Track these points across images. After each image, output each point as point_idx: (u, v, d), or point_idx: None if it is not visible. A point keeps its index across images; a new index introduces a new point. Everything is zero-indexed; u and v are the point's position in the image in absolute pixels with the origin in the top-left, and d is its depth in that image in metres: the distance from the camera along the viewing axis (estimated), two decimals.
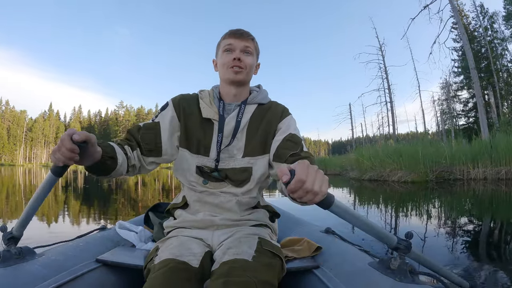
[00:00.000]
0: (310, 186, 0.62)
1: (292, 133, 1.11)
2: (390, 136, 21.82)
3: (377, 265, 0.92)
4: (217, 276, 0.82)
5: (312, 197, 0.63)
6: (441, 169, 9.91)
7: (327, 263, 1.06)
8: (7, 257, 0.93)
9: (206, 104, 1.14)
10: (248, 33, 1.16)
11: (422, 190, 7.45)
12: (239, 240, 0.96)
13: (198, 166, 1.11)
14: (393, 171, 10.50)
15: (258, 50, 1.22)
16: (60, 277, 0.93)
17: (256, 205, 1.16)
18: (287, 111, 1.21)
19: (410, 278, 0.83)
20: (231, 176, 1.10)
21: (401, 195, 6.68)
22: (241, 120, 1.13)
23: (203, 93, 1.19)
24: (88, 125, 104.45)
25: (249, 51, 1.14)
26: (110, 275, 1.06)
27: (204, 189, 1.11)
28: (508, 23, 19.77)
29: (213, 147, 1.11)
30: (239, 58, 1.11)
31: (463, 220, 3.78)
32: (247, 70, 1.13)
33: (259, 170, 1.12)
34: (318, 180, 0.63)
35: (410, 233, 0.87)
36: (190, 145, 1.12)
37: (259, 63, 1.25)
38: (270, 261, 0.90)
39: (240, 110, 1.14)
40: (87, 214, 4.45)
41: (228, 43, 1.13)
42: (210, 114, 1.12)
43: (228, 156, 1.11)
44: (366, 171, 11.81)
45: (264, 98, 1.21)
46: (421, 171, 9.74)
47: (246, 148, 1.12)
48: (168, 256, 0.88)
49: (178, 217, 1.12)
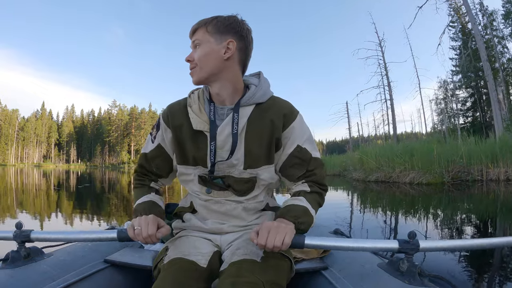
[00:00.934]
0: (271, 246, 0.80)
1: (300, 146, 1.03)
2: (390, 136, 21.28)
3: (386, 266, 0.93)
4: (225, 276, 0.82)
5: (278, 249, 0.82)
6: (457, 169, 8.83)
7: (336, 264, 1.07)
8: (16, 258, 0.93)
9: (195, 113, 1.02)
10: (193, 27, 1.00)
11: (438, 193, 6.71)
12: (248, 241, 0.95)
13: (199, 175, 1.06)
14: (404, 172, 9.47)
15: (222, 27, 0.97)
16: (68, 277, 0.93)
17: (265, 207, 1.11)
18: (293, 111, 1.05)
19: (419, 280, 0.83)
20: (234, 186, 1.04)
21: (421, 200, 5.90)
22: (237, 132, 0.99)
23: (193, 97, 1.06)
24: (81, 124, 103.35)
25: (197, 43, 0.98)
26: (119, 276, 1.06)
27: (209, 198, 1.06)
28: (507, 21, 19.51)
29: (208, 159, 1.03)
30: (186, 59, 0.99)
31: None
32: (200, 65, 0.97)
33: (264, 178, 1.04)
34: (278, 238, 0.81)
35: (413, 232, 0.86)
36: (187, 161, 1.07)
37: (231, 40, 0.97)
38: (279, 262, 0.89)
39: (233, 119, 0.99)
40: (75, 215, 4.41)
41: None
42: (201, 125, 1.01)
43: (227, 166, 1.03)
44: (371, 172, 10.77)
45: (263, 95, 1.02)
46: (436, 172, 8.73)
47: (247, 161, 1.02)
48: (177, 255, 0.88)
49: (187, 221, 1.09)
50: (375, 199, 6.41)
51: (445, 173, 8.70)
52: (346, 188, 9.01)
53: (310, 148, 1.04)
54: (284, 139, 1.03)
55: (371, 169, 10.91)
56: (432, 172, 8.78)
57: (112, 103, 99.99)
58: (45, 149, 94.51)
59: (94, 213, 4.63)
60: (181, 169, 1.08)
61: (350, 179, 11.97)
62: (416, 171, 9.16)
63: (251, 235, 0.84)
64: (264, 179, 1.04)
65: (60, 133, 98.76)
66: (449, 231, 3.17)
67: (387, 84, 21.68)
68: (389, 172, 9.99)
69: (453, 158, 8.93)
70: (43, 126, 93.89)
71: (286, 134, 1.02)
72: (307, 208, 0.97)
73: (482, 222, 3.65)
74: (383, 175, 10.11)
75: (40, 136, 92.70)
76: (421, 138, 20.85)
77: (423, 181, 8.66)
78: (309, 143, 1.05)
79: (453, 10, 23.03)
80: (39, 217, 4.06)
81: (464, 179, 8.59)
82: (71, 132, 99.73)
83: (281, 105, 1.04)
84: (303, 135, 1.04)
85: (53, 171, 28.37)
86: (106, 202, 5.90)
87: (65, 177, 14.95)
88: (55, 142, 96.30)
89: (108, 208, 5.09)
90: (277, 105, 1.03)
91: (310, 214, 0.97)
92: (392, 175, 9.78)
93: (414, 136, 26.80)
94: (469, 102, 23.17)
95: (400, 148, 10.49)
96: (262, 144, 1.01)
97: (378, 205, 5.34)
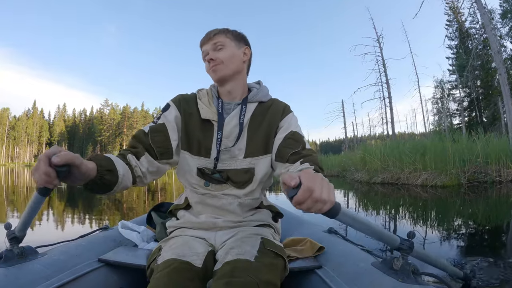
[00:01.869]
0: (319, 195, 0.59)
1: (294, 131, 1.10)
2: (388, 135, 20.20)
3: (380, 265, 0.93)
4: (219, 276, 0.82)
5: (321, 206, 0.61)
6: (473, 170, 7.86)
7: (330, 263, 1.07)
8: (10, 257, 0.92)
9: (205, 105, 1.13)
10: (214, 31, 1.13)
11: (454, 197, 5.82)
12: (242, 240, 0.96)
13: (199, 168, 1.09)
14: (414, 173, 8.52)
15: (238, 36, 1.17)
16: (62, 277, 0.92)
17: (259, 205, 1.15)
18: (289, 108, 1.19)
19: (413, 278, 0.84)
20: (233, 178, 1.08)
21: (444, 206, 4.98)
22: (243, 122, 1.10)
23: (201, 92, 1.18)
24: (73, 123, 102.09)
25: (220, 46, 1.11)
26: (113, 275, 1.05)
27: (206, 191, 1.09)
28: (504, 21, 19.45)
29: (213, 147, 1.08)
30: (211, 58, 1.10)
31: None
32: (224, 64, 1.10)
33: (261, 170, 1.10)
34: (325, 188, 0.61)
35: (412, 232, 0.88)
36: (191, 147, 1.10)
37: (247, 48, 1.19)
38: (273, 261, 0.90)
39: (241, 111, 1.12)
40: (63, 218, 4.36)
41: (202, 52, 1.14)
42: (209, 115, 1.11)
43: (229, 157, 1.09)
44: (376, 173, 9.86)
45: (265, 96, 1.18)
46: (452, 173, 7.71)
47: (248, 149, 1.10)
48: (171, 256, 0.88)
49: (181, 218, 1.11)
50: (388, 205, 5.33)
51: (461, 174, 7.70)
52: (347, 191, 7.93)
53: (304, 138, 1.12)
54: (280, 127, 1.13)
55: (375, 170, 9.98)
56: (448, 173, 7.72)
57: (104, 102, 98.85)
58: (36, 148, 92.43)
59: (86, 213, 4.59)
60: (183, 155, 1.10)
61: (352, 180, 10.98)
62: (429, 172, 8.13)
63: (285, 177, 0.62)
64: (261, 170, 1.10)
65: (52, 133, 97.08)
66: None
67: (385, 81, 20.71)
68: (397, 173, 9.03)
69: (469, 157, 7.93)
70: (34, 125, 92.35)
71: (282, 123, 1.14)
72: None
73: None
74: (390, 176, 9.15)
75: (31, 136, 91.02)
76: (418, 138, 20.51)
77: (438, 183, 7.58)
78: (302, 135, 1.14)
79: (450, 9, 23.00)
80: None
81: (481, 180, 7.56)
82: (62, 132, 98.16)
83: (279, 104, 1.19)
84: (297, 127, 1.15)
85: None
86: (97, 205, 5.85)
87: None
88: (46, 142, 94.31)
89: (100, 209, 5.05)
90: (276, 103, 1.18)
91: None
92: (400, 176, 8.78)
93: (409, 136, 26.60)
94: (466, 101, 23.00)
95: (409, 146, 9.30)
96: (262, 134, 1.12)
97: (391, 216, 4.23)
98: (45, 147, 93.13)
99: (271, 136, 1.12)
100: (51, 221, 3.84)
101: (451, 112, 24.39)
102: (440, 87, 24.68)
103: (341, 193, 7.39)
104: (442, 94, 24.58)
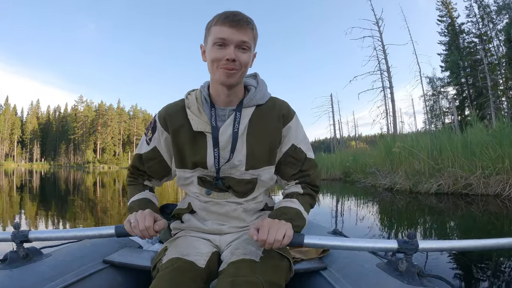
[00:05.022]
0: (272, 240, 0.82)
1: (295, 146, 1.06)
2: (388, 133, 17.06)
3: (385, 266, 0.94)
4: (224, 275, 0.83)
5: (278, 244, 0.83)
6: None
7: (335, 265, 1.07)
8: (15, 258, 0.93)
9: (195, 114, 1.01)
10: (247, 20, 0.92)
11: None
12: (247, 241, 0.96)
13: (199, 177, 1.06)
14: (495, 176, 5.65)
15: (257, 36, 0.98)
16: (67, 278, 0.92)
17: (264, 207, 1.13)
18: (291, 112, 1.07)
19: (418, 280, 0.84)
20: (235, 187, 1.04)
21: None
22: (238, 131, 1.00)
23: (190, 98, 1.05)
24: (47, 121, 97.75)
25: (246, 47, 0.93)
26: (117, 276, 1.06)
27: (208, 199, 1.06)
28: (498, 17, 19.05)
29: (209, 160, 1.01)
30: (233, 59, 0.91)
31: None
32: (242, 70, 0.95)
33: (264, 179, 1.06)
34: (280, 230, 0.83)
35: (412, 233, 0.87)
36: (185, 165, 1.06)
37: (256, 52, 1.02)
38: (278, 262, 0.90)
39: (235, 118, 1.00)
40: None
41: (220, 36, 0.90)
42: (201, 126, 1.00)
43: (230, 167, 1.02)
44: (423, 176, 6.71)
45: (263, 97, 1.05)
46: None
47: (249, 161, 1.02)
48: (175, 255, 0.88)
49: (186, 221, 1.09)
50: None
51: None
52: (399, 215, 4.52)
53: (305, 148, 1.08)
54: (283, 137, 1.06)
55: (419, 172, 6.98)
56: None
57: (78, 99, 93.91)
58: (7, 146, 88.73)
59: (91, 214, 4.60)
60: (179, 173, 1.08)
61: (373, 188, 8.08)
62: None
63: (250, 232, 0.85)
64: (264, 180, 1.06)
65: (24, 130, 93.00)
66: None
67: (385, 69, 17.74)
68: (462, 176, 6.04)
69: None
70: (6, 122, 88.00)
71: (285, 132, 1.05)
72: (300, 211, 0.98)
73: None
74: (450, 182, 6.17)
75: (3, 133, 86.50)
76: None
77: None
78: (304, 144, 1.09)
79: (442, 4, 22.46)
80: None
81: None
82: (35, 129, 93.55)
83: (280, 106, 1.06)
84: (298, 135, 1.07)
85: (14, 171, 26.73)
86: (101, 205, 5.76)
87: (27, 179, 14.02)
88: (18, 140, 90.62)
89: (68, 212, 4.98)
90: (276, 107, 1.06)
91: (303, 217, 0.98)
92: (471, 182, 5.88)
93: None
94: (458, 100, 22.39)
95: (480, 137, 6.27)
96: (265, 145, 1.02)
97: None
98: (17, 146, 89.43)
99: (275, 147, 1.05)
100: (57, 223, 3.85)
101: (443, 110, 23.49)
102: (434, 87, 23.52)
103: (375, 216, 4.17)
104: (436, 91, 23.21)
